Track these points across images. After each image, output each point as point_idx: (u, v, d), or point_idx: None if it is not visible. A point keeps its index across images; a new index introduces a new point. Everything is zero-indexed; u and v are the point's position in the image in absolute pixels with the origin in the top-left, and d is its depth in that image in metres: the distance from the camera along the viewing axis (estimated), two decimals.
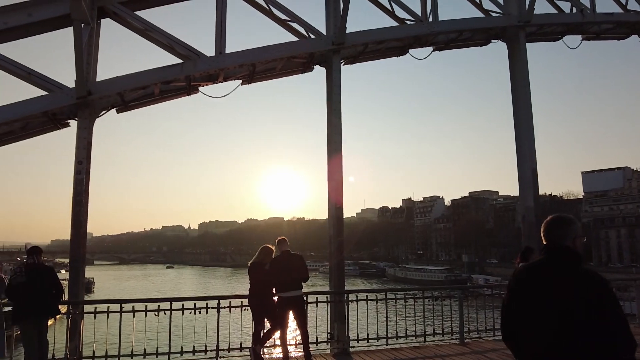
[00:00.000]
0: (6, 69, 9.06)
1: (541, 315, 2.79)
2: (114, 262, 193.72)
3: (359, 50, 11.42)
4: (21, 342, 7.43)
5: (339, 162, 10.52)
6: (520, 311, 2.92)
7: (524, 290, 2.94)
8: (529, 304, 2.88)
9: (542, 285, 2.87)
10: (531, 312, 2.85)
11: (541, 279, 2.91)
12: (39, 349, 7.37)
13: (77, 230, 9.02)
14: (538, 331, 2.79)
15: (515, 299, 2.98)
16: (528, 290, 2.92)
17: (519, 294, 2.97)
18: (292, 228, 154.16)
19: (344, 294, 9.80)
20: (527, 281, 2.96)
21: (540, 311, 2.80)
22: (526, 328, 2.87)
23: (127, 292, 77.91)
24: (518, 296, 2.97)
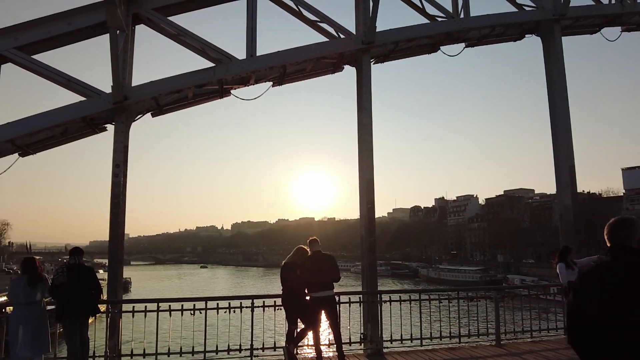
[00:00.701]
0: (47, 76, 9.43)
1: (617, 317, 2.75)
2: (150, 262, 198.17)
3: (389, 49, 11.35)
4: (64, 339, 7.70)
5: (370, 161, 10.48)
6: (591, 314, 2.85)
7: (594, 293, 2.88)
8: (601, 307, 2.82)
9: (614, 287, 2.82)
10: (605, 314, 2.79)
11: (612, 280, 2.86)
12: (81, 346, 7.61)
13: (115, 232, 9.29)
14: (614, 334, 2.74)
15: (585, 302, 2.91)
16: (598, 293, 2.86)
17: (589, 297, 2.90)
18: (322, 228, 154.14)
19: (377, 295, 9.76)
20: (597, 283, 2.90)
21: (617, 313, 2.76)
22: (600, 331, 2.81)
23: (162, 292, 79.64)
24: (587, 299, 2.90)
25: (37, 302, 7.61)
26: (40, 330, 7.59)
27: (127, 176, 9.55)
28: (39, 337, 7.54)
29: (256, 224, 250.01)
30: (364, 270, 10.44)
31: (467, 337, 10.06)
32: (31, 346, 7.46)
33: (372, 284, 10.11)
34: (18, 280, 7.72)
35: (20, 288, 7.54)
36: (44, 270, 8.03)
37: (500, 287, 12.58)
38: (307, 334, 8.54)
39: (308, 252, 8.52)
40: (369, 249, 10.23)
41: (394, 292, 11.35)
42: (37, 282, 7.61)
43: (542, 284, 31.46)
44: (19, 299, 7.53)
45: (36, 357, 7.62)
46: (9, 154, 9.66)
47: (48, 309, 7.91)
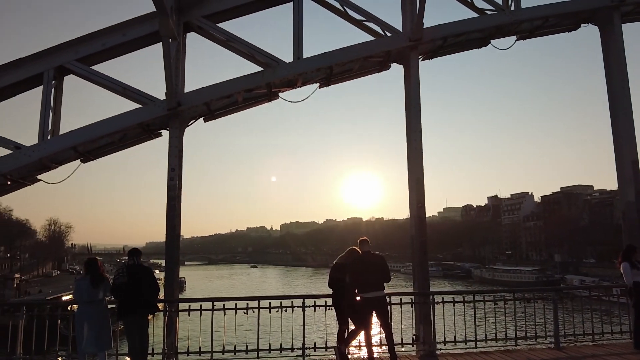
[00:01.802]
0: (105, 86, 9.91)
1: None
2: (203, 262, 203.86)
3: (437, 45, 11.14)
4: (125, 336, 8.05)
5: (419, 159, 10.32)
6: None
7: None
8: None
9: None
10: None
11: None
12: (140, 343, 7.93)
13: (171, 233, 9.61)
14: None
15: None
16: None
17: None
18: (370, 228, 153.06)
19: (429, 296, 9.61)
20: None
21: None
22: None
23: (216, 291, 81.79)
24: None
25: (99, 301, 7.99)
26: (102, 327, 7.95)
27: (181, 179, 9.89)
28: (101, 334, 7.91)
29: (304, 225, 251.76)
30: (415, 270, 10.30)
31: (524, 340, 9.75)
32: (95, 342, 7.84)
33: (423, 284, 9.95)
34: (82, 280, 8.13)
35: (84, 287, 7.94)
36: (105, 270, 8.42)
37: (558, 288, 12.06)
38: (358, 335, 8.53)
39: (359, 253, 8.52)
40: (420, 249, 10.07)
41: (447, 293, 11.11)
42: (100, 282, 7.98)
43: (604, 285, 29.96)
44: (83, 297, 7.93)
45: (100, 352, 8.01)
46: (72, 160, 10.22)
47: (109, 307, 8.30)
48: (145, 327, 8.05)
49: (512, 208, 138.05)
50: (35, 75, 9.67)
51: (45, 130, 9.52)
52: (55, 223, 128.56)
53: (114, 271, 9.40)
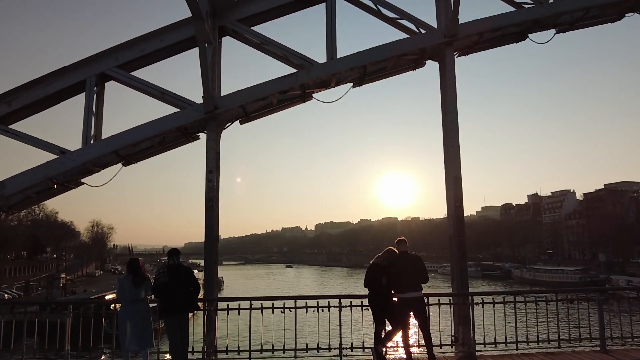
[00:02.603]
0: (144, 91, 10.19)
1: None
2: (240, 262, 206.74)
3: (473, 40, 10.92)
4: (166, 335, 8.25)
5: (456, 157, 10.13)
6: None
7: None
8: None
9: None
10: None
11: None
12: (181, 342, 8.10)
13: (209, 234, 9.79)
14: None
15: None
16: None
17: None
18: (406, 228, 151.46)
19: (468, 296, 9.44)
20: None
21: None
22: None
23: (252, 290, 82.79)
24: None
25: (141, 300, 8.21)
26: (144, 325, 8.17)
27: (219, 181, 10.06)
28: (144, 332, 8.13)
29: (339, 225, 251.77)
30: (454, 271, 10.13)
31: (568, 342, 9.45)
32: (138, 340, 8.07)
33: (462, 285, 9.78)
34: (124, 279, 8.38)
35: (126, 287, 8.18)
36: (146, 270, 8.64)
37: (603, 288, 11.63)
38: (396, 335, 8.47)
39: (396, 253, 8.46)
40: (459, 249, 9.90)
41: (486, 293, 10.89)
42: (141, 282, 8.21)
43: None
44: (126, 296, 8.17)
45: (142, 350, 8.23)
46: (114, 163, 10.56)
47: (151, 306, 8.52)
48: (186, 326, 8.22)
49: (553, 206, 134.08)
50: (78, 82, 10.04)
51: (88, 135, 9.88)
52: (98, 225, 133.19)
53: (154, 271, 9.66)
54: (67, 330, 8.89)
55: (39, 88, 10.05)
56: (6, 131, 10.05)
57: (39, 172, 9.77)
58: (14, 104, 9.99)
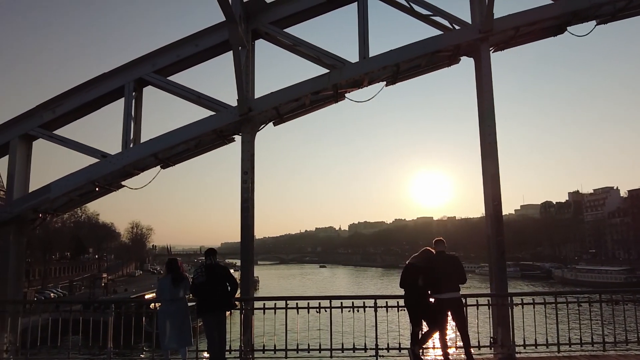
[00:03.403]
0: (181, 95, 10.41)
1: None
2: (274, 262, 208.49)
3: (509, 35, 10.65)
4: (204, 333, 8.40)
5: (494, 155, 9.90)
6: None
7: None
8: None
9: None
10: None
11: None
12: (219, 340, 8.25)
13: (245, 234, 9.90)
14: None
15: None
16: None
17: None
18: (442, 227, 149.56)
19: (508, 297, 9.22)
20: None
21: None
22: None
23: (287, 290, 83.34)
24: None
25: (180, 299, 8.40)
26: (183, 324, 8.36)
27: (254, 182, 10.17)
28: (182, 330, 8.31)
29: (373, 224, 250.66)
30: (492, 271, 9.91)
31: (613, 345, 9.12)
32: (177, 339, 8.26)
33: (501, 285, 9.56)
34: (164, 279, 8.60)
35: (166, 286, 8.39)
36: (184, 270, 8.82)
37: None
38: (433, 336, 8.38)
39: (433, 253, 8.35)
40: (497, 249, 9.68)
41: (526, 294, 10.62)
42: (180, 281, 8.39)
43: None
44: (165, 296, 8.37)
45: (181, 348, 8.42)
46: (153, 166, 10.84)
47: (189, 305, 8.70)
48: (223, 325, 8.36)
49: (596, 204, 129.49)
50: (117, 88, 10.36)
51: (127, 139, 10.17)
52: (138, 226, 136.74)
53: (192, 271, 9.85)
54: (109, 329, 9.15)
55: (80, 94, 10.42)
56: (51, 137, 10.47)
57: (82, 175, 10.14)
58: (58, 110, 10.40)
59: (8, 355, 9.38)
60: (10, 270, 10.12)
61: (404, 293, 8.44)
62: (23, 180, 10.51)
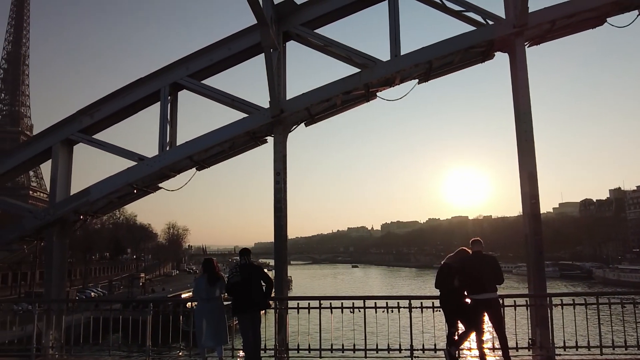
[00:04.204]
0: (215, 98, 10.59)
1: None
2: (307, 262, 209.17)
3: (545, 29, 10.36)
4: (239, 332, 8.51)
5: (531, 152, 9.65)
6: None
7: None
8: None
9: None
10: None
11: None
12: (254, 339, 8.33)
13: (279, 234, 9.99)
14: None
15: None
16: None
17: None
18: (477, 227, 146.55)
19: (546, 297, 8.98)
20: None
21: None
22: None
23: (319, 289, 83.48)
24: None
25: (216, 298, 8.53)
26: (219, 323, 8.47)
27: (286, 182, 10.24)
28: (218, 329, 8.43)
29: (406, 224, 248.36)
30: (530, 271, 9.67)
31: None
32: (213, 337, 8.38)
33: (539, 286, 9.31)
34: (200, 278, 8.73)
35: (202, 285, 8.52)
36: (220, 269, 8.94)
37: None
38: (469, 337, 8.25)
39: (469, 253, 8.22)
40: (535, 248, 9.43)
41: (566, 294, 10.32)
42: (216, 281, 8.52)
43: None
44: (202, 295, 8.51)
45: (217, 347, 8.54)
46: (188, 168, 11.07)
47: (225, 304, 8.82)
48: (258, 324, 8.43)
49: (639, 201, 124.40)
50: (153, 92, 10.62)
51: (164, 142, 10.42)
52: (174, 226, 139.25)
53: (227, 270, 9.98)
54: (147, 327, 9.37)
55: (117, 99, 10.74)
56: (90, 141, 10.83)
57: (120, 178, 10.44)
58: (96, 115, 10.75)
59: (54, 352, 9.74)
60: (54, 270, 10.52)
61: (439, 294, 8.34)
62: (65, 184, 10.91)
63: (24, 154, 11.20)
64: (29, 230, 10.79)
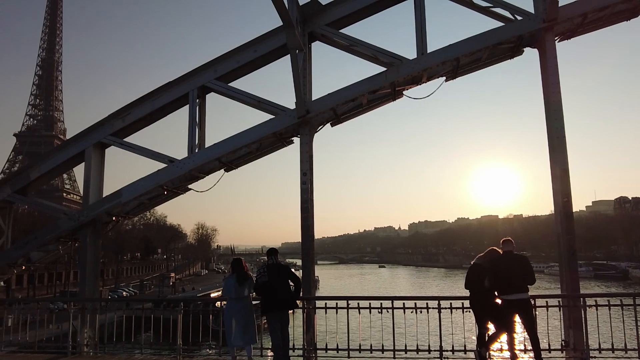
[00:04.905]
0: (242, 100, 10.71)
1: None
2: (334, 262, 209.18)
3: (576, 23, 10.09)
4: (268, 332, 8.58)
5: (563, 149, 9.42)
6: None
7: None
8: None
9: None
10: None
11: None
12: (282, 338, 8.38)
13: (306, 234, 10.02)
14: None
15: None
16: None
17: None
18: (508, 226, 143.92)
19: (580, 298, 8.76)
20: None
21: None
22: None
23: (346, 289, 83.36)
24: None
25: (245, 297, 8.61)
26: (248, 322, 8.55)
27: (313, 182, 10.27)
28: (247, 328, 8.51)
29: (434, 224, 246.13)
30: (563, 271, 9.44)
31: None
32: (242, 336, 8.47)
33: (573, 286, 9.08)
34: (229, 278, 8.84)
35: (231, 285, 8.62)
36: (248, 269, 9.03)
37: None
38: (500, 338, 8.13)
39: (500, 253, 8.09)
40: (568, 247, 9.20)
41: (600, 295, 10.02)
42: (245, 280, 8.61)
43: None
44: (231, 294, 8.61)
45: (246, 346, 8.63)
46: (217, 170, 11.22)
47: (254, 303, 8.90)
48: (287, 324, 8.49)
49: None
50: (182, 96, 10.80)
51: (193, 145, 10.58)
52: (203, 227, 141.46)
53: (254, 270, 10.06)
54: (178, 326, 9.54)
55: (147, 103, 10.97)
56: (122, 144, 11.09)
57: (151, 180, 10.66)
58: (127, 119, 11.00)
59: (88, 349, 10.02)
60: (88, 269, 10.83)
61: (469, 294, 8.23)
62: (97, 186, 11.21)
63: (58, 157, 11.54)
64: (64, 231, 11.13)
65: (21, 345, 10.51)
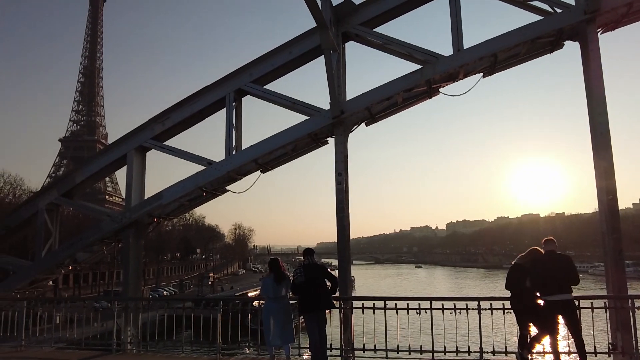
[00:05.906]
0: (277, 102, 10.83)
1: None
2: (370, 262, 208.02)
3: (620, 13, 9.69)
4: (306, 331, 8.62)
5: (607, 145, 9.09)
6: None
7: None
8: None
9: None
10: None
11: None
12: (320, 338, 8.40)
13: (342, 234, 10.03)
14: None
15: None
16: None
17: None
18: (550, 225, 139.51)
19: (628, 299, 8.42)
20: None
21: None
22: None
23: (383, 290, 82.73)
24: None
25: (282, 297, 8.69)
26: (286, 322, 8.61)
27: (348, 182, 10.27)
28: (285, 328, 8.58)
29: (472, 223, 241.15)
30: (609, 271, 9.10)
31: None
32: (280, 336, 8.53)
33: (619, 286, 8.74)
34: (267, 278, 8.93)
35: (269, 285, 8.71)
36: (285, 268, 9.10)
37: None
38: (542, 340, 7.91)
39: (542, 253, 7.87)
40: (613, 247, 8.87)
41: None
42: (282, 280, 8.68)
43: None
44: (269, 293, 8.70)
45: (284, 345, 8.70)
46: (254, 171, 11.38)
47: (291, 302, 8.97)
48: (324, 323, 8.50)
49: None
50: (219, 99, 11.01)
51: (230, 147, 10.78)
52: (240, 227, 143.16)
53: (291, 270, 10.13)
54: (218, 325, 9.70)
55: (186, 107, 11.24)
56: (162, 147, 11.40)
57: (190, 182, 10.92)
58: (167, 123, 11.30)
59: (132, 347, 10.33)
60: (131, 269, 11.18)
61: (510, 295, 8.04)
62: (139, 188, 11.57)
63: (101, 161, 11.99)
64: (107, 232, 11.53)
65: (69, 342, 10.95)
